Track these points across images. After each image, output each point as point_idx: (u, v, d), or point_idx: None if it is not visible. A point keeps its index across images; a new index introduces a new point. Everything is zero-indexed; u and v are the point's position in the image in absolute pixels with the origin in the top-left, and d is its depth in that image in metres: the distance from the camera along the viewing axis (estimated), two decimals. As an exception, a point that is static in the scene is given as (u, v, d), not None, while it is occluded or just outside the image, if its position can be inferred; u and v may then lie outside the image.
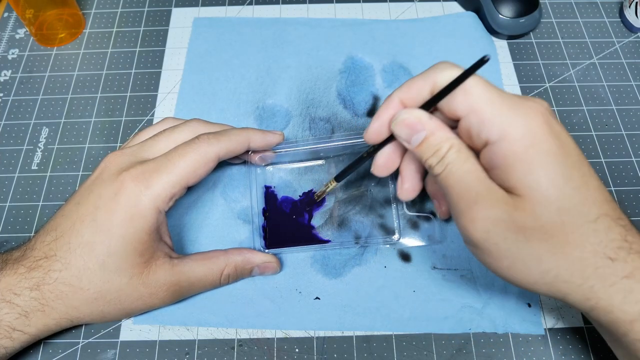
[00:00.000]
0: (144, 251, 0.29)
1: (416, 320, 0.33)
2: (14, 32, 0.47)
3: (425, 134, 0.25)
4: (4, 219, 0.37)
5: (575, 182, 0.23)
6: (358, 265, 0.35)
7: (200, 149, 0.30)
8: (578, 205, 0.23)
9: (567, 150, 0.24)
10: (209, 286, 0.32)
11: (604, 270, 0.23)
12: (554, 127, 0.24)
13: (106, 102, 0.43)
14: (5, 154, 0.40)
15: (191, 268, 0.31)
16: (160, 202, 0.29)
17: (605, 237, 0.23)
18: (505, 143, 0.24)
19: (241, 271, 0.33)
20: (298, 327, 0.33)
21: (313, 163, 0.38)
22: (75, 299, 0.29)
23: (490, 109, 0.24)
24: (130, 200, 0.28)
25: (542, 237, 0.23)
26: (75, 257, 0.28)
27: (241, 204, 0.37)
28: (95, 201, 0.29)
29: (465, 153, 0.25)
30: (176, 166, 0.29)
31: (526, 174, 0.23)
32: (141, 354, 0.32)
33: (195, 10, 0.48)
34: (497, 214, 0.23)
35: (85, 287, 0.28)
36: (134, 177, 0.28)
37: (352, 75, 0.44)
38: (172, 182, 0.29)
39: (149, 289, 0.30)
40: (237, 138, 0.32)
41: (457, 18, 0.47)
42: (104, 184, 0.29)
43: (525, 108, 0.24)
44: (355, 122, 0.41)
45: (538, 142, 0.23)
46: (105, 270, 0.28)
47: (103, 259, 0.28)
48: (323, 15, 0.48)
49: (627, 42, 0.46)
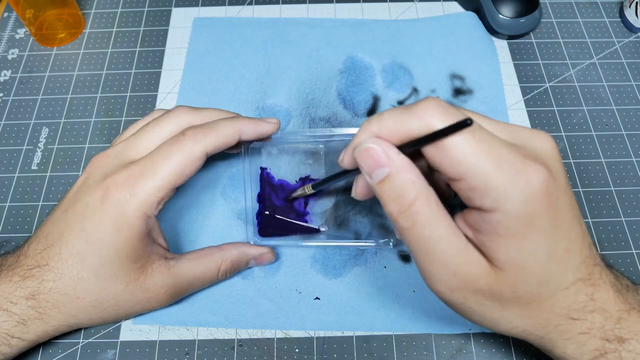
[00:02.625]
0: (137, 257, 0.28)
1: (416, 320, 0.33)
2: (14, 32, 0.47)
3: (388, 171, 0.22)
4: (4, 219, 0.37)
5: (560, 255, 0.23)
6: (358, 265, 0.35)
7: (186, 147, 0.28)
8: (557, 276, 0.23)
9: (559, 221, 0.22)
10: (207, 283, 0.32)
11: (564, 327, 0.24)
12: (553, 195, 0.21)
13: (106, 102, 0.43)
14: (5, 154, 0.40)
15: (188, 268, 0.31)
16: (147, 208, 0.27)
17: (574, 300, 0.23)
18: (499, 216, 0.21)
19: (237, 264, 0.33)
20: (298, 327, 0.33)
21: (311, 146, 0.38)
22: (73, 307, 0.28)
23: (483, 178, 0.21)
24: (117, 209, 0.27)
25: (516, 305, 0.23)
26: (67, 267, 0.28)
27: (241, 204, 0.37)
28: (82, 210, 0.28)
29: (435, 208, 0.22)
30: (161, 170, 0.27)
31: (513, 251, 0.22)
32: (141, 354, 0.32)
33: (195, 10, 0.48)
34: (477, 287, 0.23)
35: (82, 296, 0.28)
36: (118, 184, 0.27)
37: (352, 75, 0.44)
38: (158, 187, 0.27)
39: (147, 294, 0.29)
40: (226, 131, 0.29)
41: (457, 18, 0.47)
42: (90, 191, 0.28)
43: (524, 177, 0.21)
44: (356, 122, 0.41)
45: (533, 219, 0.21)
46: (100, 278, 0.28)
47: (96, 268, 0.28)
48: (323, 15, 0.48)
49: (627, 42, 0.46)
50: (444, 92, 0.43)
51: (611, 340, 0.23)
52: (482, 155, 0.21)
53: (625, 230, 0.37)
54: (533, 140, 0.23)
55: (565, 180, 0.23)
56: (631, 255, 0.36)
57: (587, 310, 0.24)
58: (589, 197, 0.38)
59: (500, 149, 0.21)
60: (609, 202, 0.38)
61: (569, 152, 0.40)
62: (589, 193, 0.38)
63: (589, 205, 0.38)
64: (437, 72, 0.44)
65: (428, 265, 0.23)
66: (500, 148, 0.21)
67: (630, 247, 0.36)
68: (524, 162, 0.21)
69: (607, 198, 0.38)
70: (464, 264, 0.22)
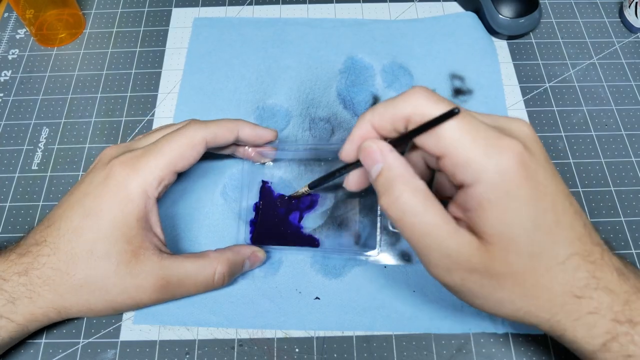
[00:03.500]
0: (132, 238, 0.29)
1: (416, 320, 0.33)
2: (14, 32, 0.48)
3: (381, 167, 0.25)
4: (4, 219, 0.37)
5: (547, 226, 0.23)
6: (358, 265, 0.35)
7: (187, 133, 0.31)
8: (548, 248, 0.23)
9: (541, 193, 0.23)
10: (200, 286, 0.31)
11: (570, 306, 0.24)
12: (530, 167, 0.23)
13: (106, 102, 0.43)
14: (6, 154, 0.40)
15: (181, 264, 0.30)
16: (148, 186, 0.29)
17: (573, 276, 0.23)
18: (479, 188, 0.23)
19: (234, 266, 0.32)
20: (298, 327, 0.33)
21: (313, 163, 0.38)
22: (61, 285, 0.29)
23: (463, 153, 0.23)
24: (118, 184, 0.29)
25: (514, 282, 0.24)
26: (64, 242, 0.29)
27: (241, 204, 0.37)
28: (85, 188, 0.30)
29: (423, 198, 0.24)
30: (163, 149, 0.30)
31: (499, 222, 0.23)
32: (141, 354, 0.32)
33: (195, 10, 0.48)
34: (472, 266, 0.23)
35: (72, 272, 0.28)
36: (121, 162, 0.29)
37: (352, 76, 0.44)
38: (160, 166, 0.29)
39: (136, 280, 0.29)
40: (226, 124, 0.33)
41: (457, 18, 0.47)
42: (95, 172, 0.30)
43: (499, 149, 0.23)
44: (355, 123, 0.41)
45: (512, 188, 0.23)
46: (93, 256, 0.28)
47: (91, 245, 0.28)
48: (323, 15, 0.48)
49: (627, 42, 0.46)
50: (444, 92, 0.43)
51: (622, 322, 0.23)
52: (462, 133, 0.23)
53: (625, 230, 0.37)
54: (510, 123, 0.25)
55: (545, 158, 0.24)
56: (631, 255, 0.36)
57: (590, 288, 0.23)
58: (588, 197, 0.38)
59: (478, 127, 0.23)
60: (609, 202, 0.38)
61: (569, 152, 0.40)
62: (588, 193, 0.38)
63: (589, 206, 0.38)
64: (437, 72, 0.44)
65: (423, 251, 0.24)
66: (478, 126, 0.23)
67: (630, 247, 0.36)
68: (500, 137, 0.23)
69: (607, 198, 0.38)
70: (456, 245, 0.23)
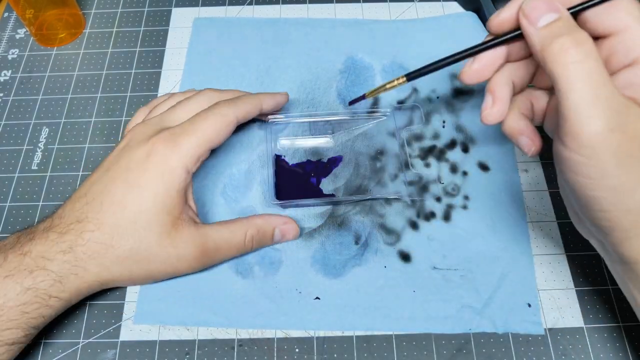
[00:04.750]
0: (172, 209, 0.30)
1: (416, 320, 0.33)
2: (14, 32, 0.47)
3: (557, 16, 0.25)
4: (4, 219, 0.37)
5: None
6: (358, 265, 0.35)
7: (222, 111, 0.33)
8: None
9: None
10: (234, 250, 0.33)
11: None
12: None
13: (106, 102, 0.43)
14: (5, 154, 0.40)
15: (216, 230, 0.32)
16: (188, 161, 0.31)
17: None
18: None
19: (263, 233, 0.34)
20: (298, 327, 0.33)
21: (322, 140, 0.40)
22: (107, 257, 0.29)
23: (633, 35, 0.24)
24: (161, 160, 0.30)
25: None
26: (107, 216, 0.30)
27: (241, 204, 0.37)
28: (127, 164, 0.31)
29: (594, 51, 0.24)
30: (201, 128, 0.32)
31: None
32: (141, 354, 0.32)
33: (195, 10, 0.48)
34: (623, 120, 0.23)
35: (117, 244, 0.29)
36: (163, 139, 0.31)
37: (352, 75, 0.44)
38: (199, 143, 0.31)
39: (177, 250, 0.31)
40: (252, 101, 0.35)
41: (457, 18, 0.47)
42: (134, 149, 0.31)
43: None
44: (355, 123, 0.41)
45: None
46: (136, 227, 0.30)
47: (134, 216, 0.30)
48: (323, 15, 0.48)
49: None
50: (444, 92, 0.43)
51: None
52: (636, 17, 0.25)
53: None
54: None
55: None
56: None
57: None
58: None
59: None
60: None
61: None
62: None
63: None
64: (437, 72, 0.44)
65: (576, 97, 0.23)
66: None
67: (630, 247, 0.36)
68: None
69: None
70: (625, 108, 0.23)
